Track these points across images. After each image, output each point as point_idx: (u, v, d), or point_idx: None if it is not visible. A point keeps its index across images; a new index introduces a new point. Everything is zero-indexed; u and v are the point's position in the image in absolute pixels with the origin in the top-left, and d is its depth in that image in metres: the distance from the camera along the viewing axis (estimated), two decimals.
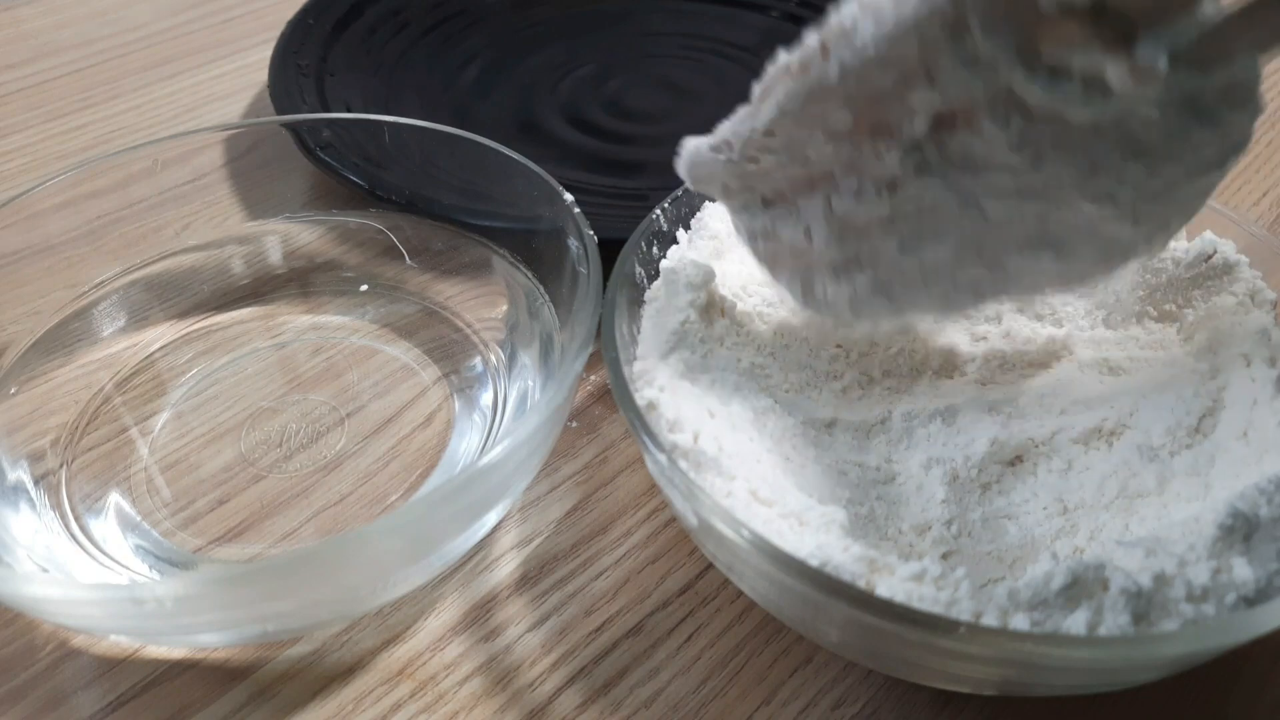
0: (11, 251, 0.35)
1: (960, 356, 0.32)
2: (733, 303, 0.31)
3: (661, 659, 0.28)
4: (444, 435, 0.33)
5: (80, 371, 0.35)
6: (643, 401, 0.27)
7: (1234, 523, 0.23)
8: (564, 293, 0.33)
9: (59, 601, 0.24)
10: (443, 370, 0.36)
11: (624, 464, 0.33)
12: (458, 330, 0.37)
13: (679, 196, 0.32)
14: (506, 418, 0.33)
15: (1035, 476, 0.28)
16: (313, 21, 0.52)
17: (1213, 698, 0.27)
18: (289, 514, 0.31)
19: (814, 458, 0.28)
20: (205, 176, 0.40)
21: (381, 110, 0.48)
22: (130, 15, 0.60)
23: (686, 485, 0.24)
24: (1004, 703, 0.27)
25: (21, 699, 0.28)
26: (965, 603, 0.22)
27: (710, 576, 0.30)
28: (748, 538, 0.23)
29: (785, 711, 0.27)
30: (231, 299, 0.38)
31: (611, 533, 0.31)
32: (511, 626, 0.29)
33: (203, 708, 0.27)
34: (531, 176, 0.34)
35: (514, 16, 0.57)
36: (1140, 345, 0.31)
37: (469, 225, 0.38)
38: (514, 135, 0.48)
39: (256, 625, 0.26)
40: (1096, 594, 0.22)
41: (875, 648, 0.25)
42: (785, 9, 0.57)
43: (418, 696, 0.27)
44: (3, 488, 0.31)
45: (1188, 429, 0.28)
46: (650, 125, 0.49)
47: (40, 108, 0.52)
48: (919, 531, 0.27)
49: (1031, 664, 0.22)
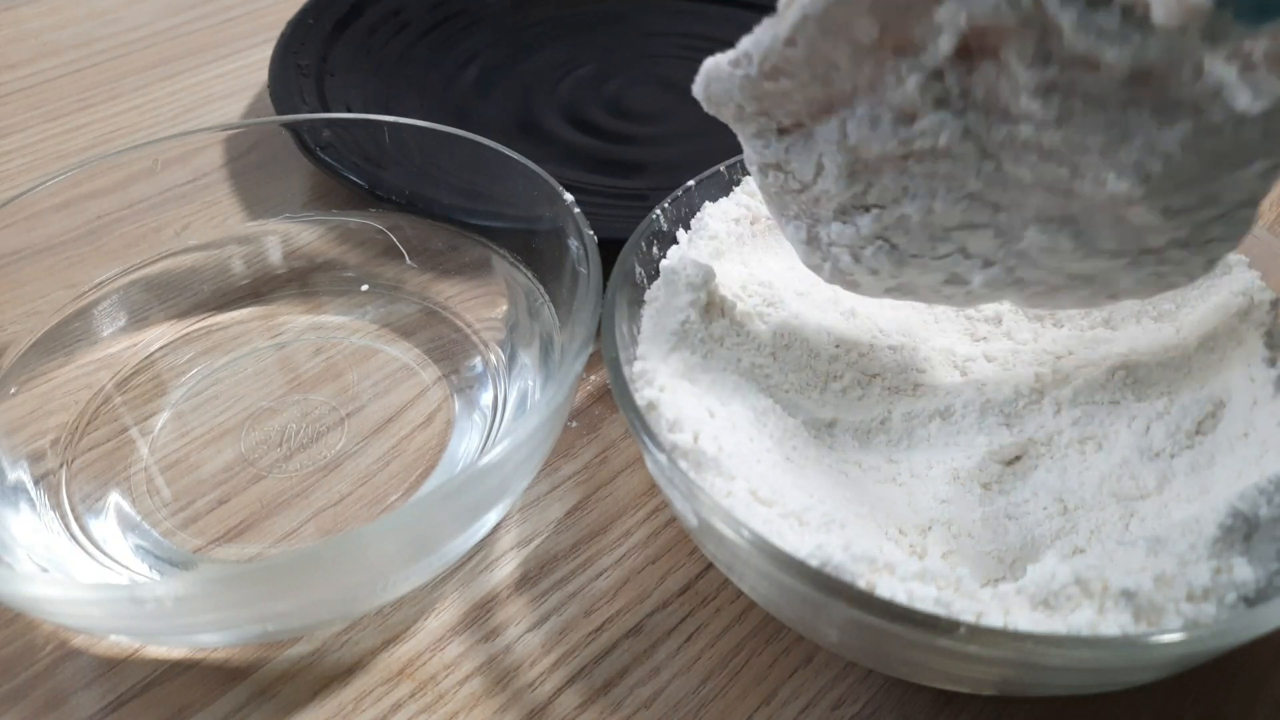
0: (11, 251, 0.35)
1: (960, 356, 0.32)
2: (733, 303, 0.31)
3: (661, 659, 0.28)
4: (444, 435, 0.33)
5: (80, 371, 0.35)
6: (643, 401, 0.27)
7: (1234, 523, 0.23)
8: (564, 293, 0.33)
9: (59, 601, 0.24)
10: (443, 370, 0.36)
11: (624, 464, 0.33)
12: (458, 330, 0.37)
13: (679, 196, 0.32)
14: (506, 418, 0.33)
15: (1035, 476, 0.28)
16: (313, 21, 0.52)
17: (1213, 698, 0.27)
18: (289, 514, 0.31)
19: (814, 458, 0.28)
20: (205, 176, 0.40)
21: (381, 110, 0.48)
22: (130, 15, 0.60)
23: (686, 485, 0.24)
24: (1004, 703, 0.27)
25: (21, 699, 0.28)
26: (965, 603, 0.22)
27: (710, 576, 0.30)
28: (748, 538, 0.23)
29: (785, 711, 0.27)
30: (231, 299, 0.38)
31: (611, 533, 0.31)
32: (511, 626, 0.29)
33: (203, 708, 0.27)
34: (531, 176, 0.34)
35: (514, 16, 0.57)
36: (1140, 345, 0.31)
37: (469, 225, 0.38)
38: (514, 135, 0.48)
39: (256, 625, 0.26)
40: (1096, 594, 0.22)
41: (875, 648, 0.25)
42: None
43: (418, 696, 0.27)
44: (3, 488, 0.31)
45: (1187, 429, 0.28)
46: (650, 125, 0.49)
47: (40, 108, 0.52)
48: (919, 531, 0.27)
49: (1031, 664, 0.22)
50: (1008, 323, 0.33)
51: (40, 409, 0.34)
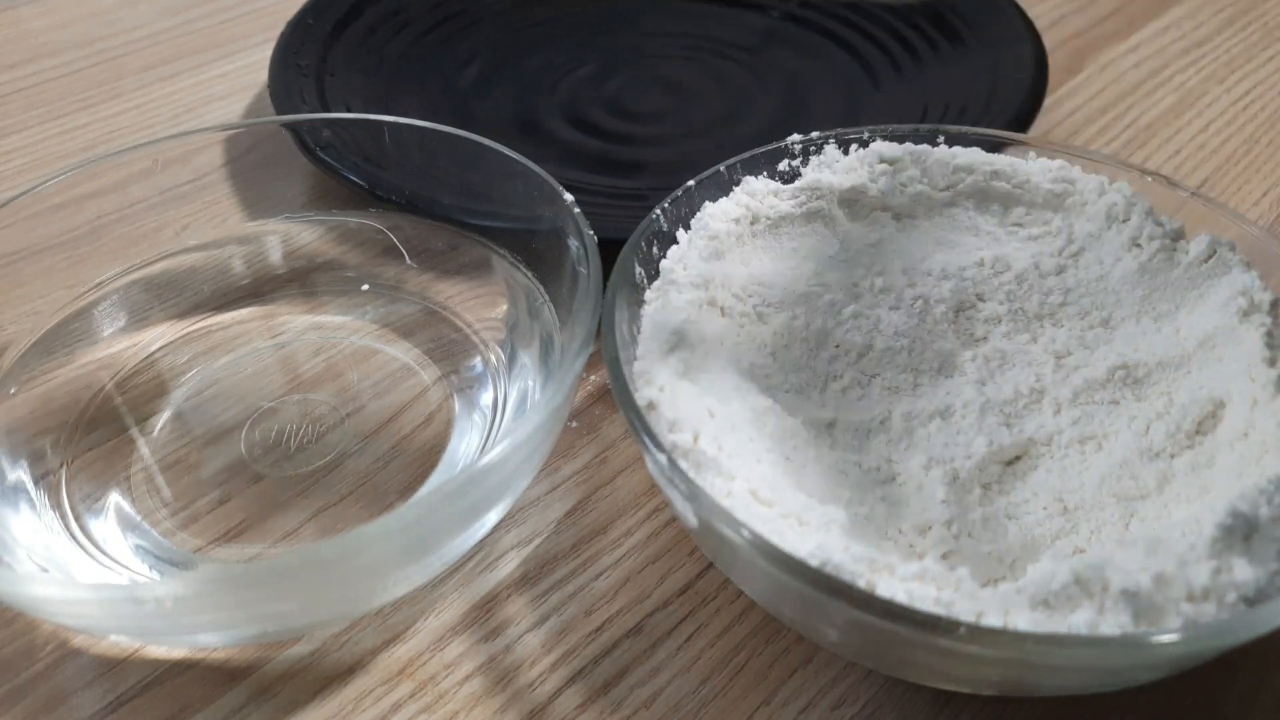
0: (11, 251, 0.35)
1: (960, 356, 0.32)
2: (733, 303, 0.31)
3: (661, 659, 0.28)
4: (444, 435, 0.33)
5: (80, 371, 0.35)
6: (643, 401, 0.27)
7: (1234, 523, 0.23)
8: (564, 293, 0.33)
9: (59, 601, 0.24)
10: (443, 370, 0.36)
11: (624, 464, 0.33)
12: (458, 330, 0.37)
13: (679, 196, 0.32)
14: (506, 418, 0.33)
15: (1035, 476, 0.28)
16: (313, 21, 0.52)
17: (1213, 698, 0.27)
18: (289, 514, 0.31)
19: (814, 458, 0.28)
20: (205, 176, 0.40)
21: (381, 110, 0.48)
22: (130, 15, 0.60)
23: (686, 485, 0.24)
24: (1004, 703, 0.27)
25: (21, 699, 0.28)
26: (965, 603, 0.22)
27: (710, 576, 0.30)
28: (748, 538, 0.23)
29: (785, 711, 0.27)
30: (231, 299, 0.38)
31: (611, 533, 0.31)
32: (511, 626, 0.29)
33: (203, 708, 0.27)
34: (531, 176, 0.34)
35: (514, 16, 0.57)
36: (1140, 345, 0.31)
37: (469, 225, 0.38)
38: (514, 135, 0.48)
39: (256, 625, 0.27)
40: (1096, 594, 0.22)
41: (875, 648, 0.25)
42: (785, 9, 0.57)
43: (418, 696, 0.27)
44: (3, 488, 0.31)
45: (1188, 429, 0.28)
46: (650, 125, 0.49)
47: (40, 108, 0.52)
48: (919, 531, 0.27)
49: (1031, 664, 0.22)
50: (1007, 323, 0.33)
51: (40, 409, 0.34)
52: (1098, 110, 0.51)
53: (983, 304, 0.33)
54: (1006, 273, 0.33)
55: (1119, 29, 0.57)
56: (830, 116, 0.49)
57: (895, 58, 0.52)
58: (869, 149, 0.35)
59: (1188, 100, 0.51)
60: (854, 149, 0.35)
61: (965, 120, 0.44)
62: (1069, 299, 0.33)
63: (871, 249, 0.34)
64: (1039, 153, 0.35)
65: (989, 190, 0.35)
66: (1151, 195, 0.33)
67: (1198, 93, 0.52)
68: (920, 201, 0.35)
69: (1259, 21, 0.57)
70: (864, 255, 0.34)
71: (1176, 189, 0.33)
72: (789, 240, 0.34)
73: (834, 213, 0.34)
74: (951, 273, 0.33)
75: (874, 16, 0.55)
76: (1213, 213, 0.32)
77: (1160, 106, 0.51)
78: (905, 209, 0.35)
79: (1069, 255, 0.34)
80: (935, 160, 0.35)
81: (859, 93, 0.51)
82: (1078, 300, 0.33)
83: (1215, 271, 0.31)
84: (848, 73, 0.52)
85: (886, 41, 0.53)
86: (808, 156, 0.35)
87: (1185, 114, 0.50)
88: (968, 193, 0.35)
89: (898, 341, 0.32)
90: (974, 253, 0.34)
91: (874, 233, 0.34)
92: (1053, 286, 0.33)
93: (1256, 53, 0.55)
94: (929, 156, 0.35)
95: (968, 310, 0.33)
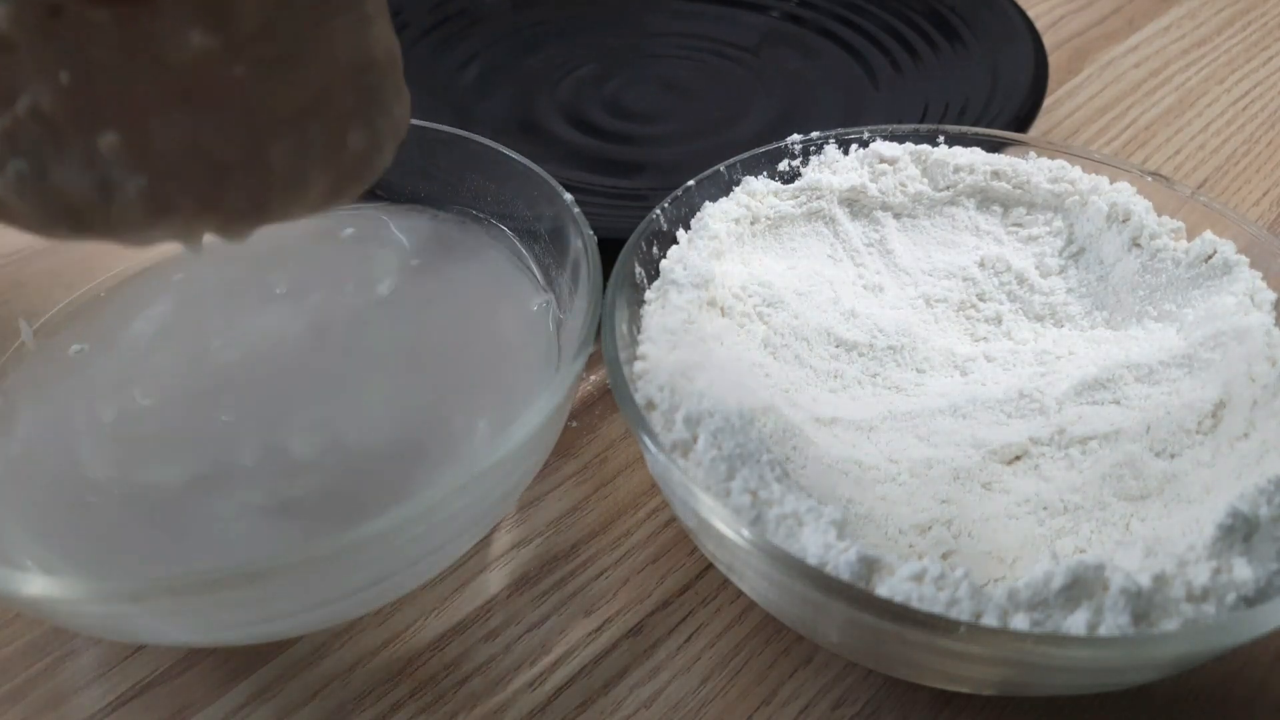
0: (12, 251, 0.35)
1: (960, 356, 0.32)
2: (733, 303, 0.31)
3: (661, 659, 0.28)
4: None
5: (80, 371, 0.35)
6: (643, 401, 0.27)
7: (1234, 523, 0.23)
8: (564, 293, 0.33)
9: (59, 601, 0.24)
10: None
11: (624, 464, 0.33)
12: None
13: (679, 196, 0.32)
14: None
15: (1035, 476, 0.28)
16: None
17: (1213, 698, 0.27)
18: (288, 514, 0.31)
19: (814, 457, 0.28)
20: None
21: None
22: None
23: (686, 485, 0.24)
24: (1004, 703, 0.27)
25: (21, 699, 0.28)
26: (965, 603, 0.22)
27: (710, 576, 0.30)
28: (748, 538, 0.23)
29: (785, 711, 0.27)
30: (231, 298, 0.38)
31: (611, 533, 0.31)
32: (511, 626, 0.29)
33: (203, 708, 0.27)
34: (531, 176, 0.34)
35: (514, 16, 0.57)
36: (1140, 345, 0.31)
37: (469, 225, 0.38)
38: (514, 135, 0.48)
39: (256, 625, 0.26)
40: (1096, 594, 0.22)
41: (875, 648, 0.25)
42: (785, 9, 0.57)
43: (418, 696, 0.27)
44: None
45: (1188, 429, 0.28)
46: (650, 125, 0.49)
47: None
48: (919, 531, 0.27)
49: (1031, 664, 0.22)
50: (1008, 322, 0.33)
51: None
52: (1098, 110, 0.51)
53: (983, 304, 0.33)
54: (1007, 272, 0.33)
55: (1119, 29, 0.57)
56: (830, 116, 0.49)
57: (895, 58, 0.52)
58: (869, 149, 0.35)
59: (1188, 100, 0.51)
60: (854, 149, 0.35)
61: (965, 120, 0.44)
62: (1069, 299, 0.33)
63: (871, 249, 0.34)
64: (1039, 153, 0.35)
65: (989, 190, 0.35)
66: (1151, 195, 0.33)
67: (1198, 93, 0.52)
68: (920, 201, 0.35)
69: (1259, 21, 0.57)
70: (864, 255, 0.34)
71: (1176, 189, 0.33)
72: (789, 240, 0.34)
73: (834, 213, 0.34)
74: (952, 272, 0.33)
75: (874, 16, 0.55)
76: (1213, 213, 0.32)
77: (1160, 106, 0.51)
78: (905, 209, 0.35)
79: (1069, 255, 0.34)
80: (935, 160, 0.35)
81: (859, 93, 0.51)
82: (1078, 300, 0.33)
83: (1215, 271, 0.31)
84: (848, 73, 0.52)
85: (886, 41, 0.53)
86: (808, 156, 0.35)
87: (1185, 114, 0.50)
88: (968, 193, 0.35)
89: (898, 341, 0.32)
90: (974, 252, 0.34)
91: (874, 233, 0.34)
92: (1053, 286, 0.33)
93: (1256, 53, 0.55)
94: (929, 156, 0.35)
95: (968, 310, 0.33)
